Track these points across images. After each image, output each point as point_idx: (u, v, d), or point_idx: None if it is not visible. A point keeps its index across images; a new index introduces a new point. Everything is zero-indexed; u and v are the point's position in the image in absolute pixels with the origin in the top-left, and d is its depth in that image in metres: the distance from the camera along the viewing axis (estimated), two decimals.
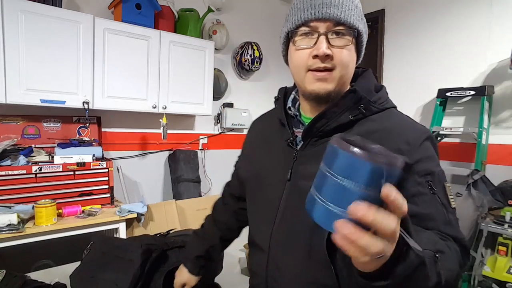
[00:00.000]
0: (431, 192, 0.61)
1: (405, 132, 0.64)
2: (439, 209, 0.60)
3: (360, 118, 0.65)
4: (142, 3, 2.30)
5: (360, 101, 0.65)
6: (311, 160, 0.68)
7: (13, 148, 1.91)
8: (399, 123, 0.66)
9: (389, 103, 0.70)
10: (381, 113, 0.67)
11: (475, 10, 2.40)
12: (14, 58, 1.85)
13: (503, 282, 1.82)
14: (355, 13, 0.62)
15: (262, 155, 0.80)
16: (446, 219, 0.60)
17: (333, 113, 0.65)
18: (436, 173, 0.62)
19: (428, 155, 0.63)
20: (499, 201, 2.01)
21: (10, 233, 1.59)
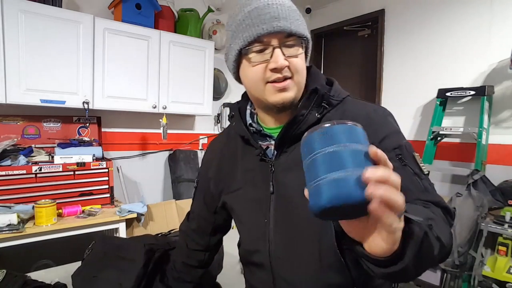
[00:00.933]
0: (402, 164, 0.63)
1: (367, 115, 0.67)
2: (413, 179, 0.62)
3: (324, 114, 0.68)
4: (142, 3, 2.30)
5: (323, 98, 0.68)
6: (289, 167, 0.68)
7: (13, 148, 1.91)
8: (359, 108, 0.69)
9: (343, 93, 0.72)
10: (340, 104, 0.70)
11: (475, 10, 2.40)
12: (14, 58, 1.85)
13: (503, 282, 1.82)
14: (301, 23, 0.65)
15: (236, 174, 0.78)
16: (422, 187, 0.62)
17: (301, 116, 0.66)
18: (403, 146, 0.65)
19: (393, 130, 0.67)
20: (499, 201, 2.01)
21: (10, 233, 1.59)
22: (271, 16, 0.61)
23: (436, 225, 0.52)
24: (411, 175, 0.62)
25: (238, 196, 0.78)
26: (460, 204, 1.95)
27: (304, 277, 0.69)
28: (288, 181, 0.68)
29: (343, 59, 3.54)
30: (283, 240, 0.70)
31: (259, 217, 0.72)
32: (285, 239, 0.70)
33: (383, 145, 0.62)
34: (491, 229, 1.87)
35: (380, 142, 0.64)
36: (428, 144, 2.50)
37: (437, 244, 0.49)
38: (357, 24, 3.28)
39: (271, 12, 0.61)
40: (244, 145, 0.76)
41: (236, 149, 0.79)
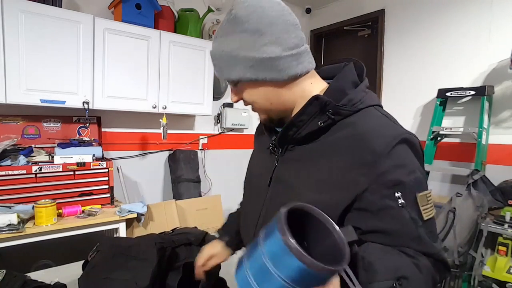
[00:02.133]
0: (399, 206, 0.58)
1: (372, 140, 0.59)
2: (408, 225, 0.58)
3: (330, 123, 0.64)
4: (142, 3, 2.30)
5: (326, 107, 0.63)
6: (288, 165, 0.71)
7: (13, 148, 1.91)
8: (371, 128, 0.62)
9: (364, 103, 0.65)
10: (358, 114, 0.64)
11: (475, 10, 2.40)
12: (14, 58, 1.85)
13: (503, 282, 1.82)
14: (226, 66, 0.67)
15: (255, 160, 0.87)
16: (415, 235, 0.58)
17: (300, 122, 0.66)
18: (406, 183, 0.58)
19: (397, 163, 0.58)
20: (499, 201, 2.01)
21: (10, 233, 1.59)
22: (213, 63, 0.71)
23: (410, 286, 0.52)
24: (406, 220, 0.58)
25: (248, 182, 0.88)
26: (460, 204, 1.95)
27: None
28: (282, 178, 0.72)
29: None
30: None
31: (256, 205, 0.77)
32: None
33: (382, 179, 0.58)
34: (491, 229, 1.87)
35: (380, 175, 0.58)
36: (428, 144, 2.50)
37: None
38: (357, 24, 3.28)
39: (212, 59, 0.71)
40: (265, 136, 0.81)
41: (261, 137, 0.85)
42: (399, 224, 0.58)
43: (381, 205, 0.58)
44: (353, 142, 0.61)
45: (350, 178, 0.59)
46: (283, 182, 0.71)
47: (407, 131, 0.62)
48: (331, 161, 0.63)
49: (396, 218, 0.58)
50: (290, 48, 0.63)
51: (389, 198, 0.58)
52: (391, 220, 0.58)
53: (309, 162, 0.67)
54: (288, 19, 0.65)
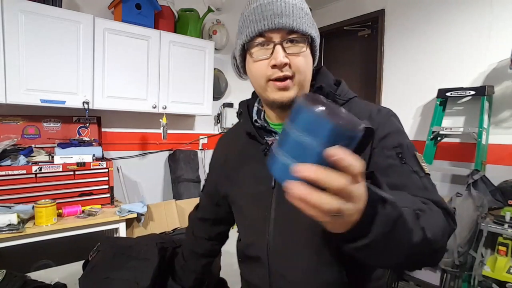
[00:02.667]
0: (402, 162, 0.63)
1: (370, 115, 0.67)
2: (412, 176, 0.62)
3: None
4: (142, 3, 2.30)
5: (328, 96, 0.69)
6: None
7: (13, 148, 1.91)
8: (363, 108, 0.70)
9: (350, 94, 0.73)
10: (346, 104, 0.71)
11: (475, 10, 2.40)
12: (14, 58, 1.85)
13: (503, 282, 1.82)
14: (306, 20, 0.64)
15: (240, 169, 0.79)
16: (420, 185, 0.62)
17: None
18: (404, 144, 0.65)
19: (394, 129, 0.66)
20: (499, 201, 2.00)
21: (10, 233, 1.59)
22: (273, 12, 0.62)
23: (427, 217, 0.51)
24: (411, 173, 0.62)
25: (241, 190, 0.79)
26: (460, 204, 1.95)
27: (300, 273, 0.69)
28: None
29: (343, 59, 3.54)
30: (282, 235, 0.70)
31: (260, 211, 0.73)
32: (284, 234, 0.70)
33: (383, 143, 0.64)
34: (491, 229, 1.87)
35: (381, 140, 0.64)
36: (428, 144, 2.50)
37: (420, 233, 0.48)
38: (357, 24, 3.28)
39: (274, 9, 0.62)
40: (250, 141, 0.76)
41: (242, 145, 0.79)
42: (404, 177, 0.62)
43: (385, 164, 0.63)
44: None
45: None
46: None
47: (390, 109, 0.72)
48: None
49: (401, 173, 0.62)
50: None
51: (392, 157, 0.63)
52: (397, 175, 0.62)
53: None
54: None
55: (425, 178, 0.63)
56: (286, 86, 0.65)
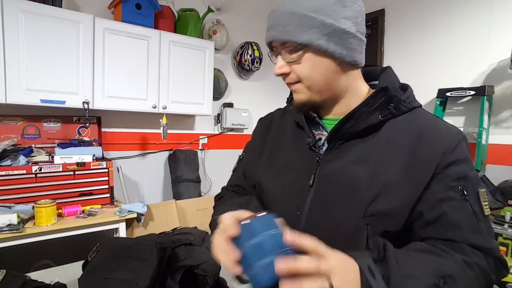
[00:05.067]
0: (462, 198, 0.58)
1: (437, 138, 0.61)
2: (469, 217, 0.58)
3: (389, 118, 0.63)
4: (142, 3, 2.30)
5: (391, 100, 0.63)
6: (337, 163, 0.65)
7: (13, 148, 1.91)
8: (430, 127, 0.63)
9: (416, 103, 0.67)
10: (408, 113, 0.65)
11: (475, 10, 2.40)
12: (14, 58, 1.85)
13: (503, 282, 1.82)
14: (297, 28, 0.59)
15: (280, 157, 0.75)
16: (475, 228, 0.58)
17: (362, 113, 0.63)
18: (469, 177, 0.60)
19: (462, 157, 0.60)
20: (499, 201, 2.00)
21: (10, 233, 1.59)
22: (268, 25, 0.63)
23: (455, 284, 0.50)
24: (468, 212, 0.58)
25: (275, 180, 0.73)
26: None
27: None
28: (333, 178, 0.65)
29: None
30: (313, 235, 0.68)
31: (292, 208, 0.68)
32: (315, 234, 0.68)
33: (448, 171, 0.59)
34: None
35: (446, 167, 0.59)
36: None
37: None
38: None
39: (269, 21, 0.63)
40: (296, 129, 0.73)
41: (288, 130, 0.76)
42: (461, 215, 0.58)
43: (444, 195, 0.59)
44: (414, 137, 0.62)
45: (415, 173, 0.59)
46: (334, 181, 0.64)
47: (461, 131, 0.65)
48: (392, 156, 0.61)
49: (458, 209, 0.58)
50: (361, 32, 0.63)
51: (453, 190, 0.59)
52: (454, 210, 0.58)
53: (366, 158, 0.63)
54: (363, 8, 0.64)
55: (483, 221, 0.59)
56: (295, 89, 0.66)
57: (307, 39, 0.59)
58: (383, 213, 0.59)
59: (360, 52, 0.64)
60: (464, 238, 0.57)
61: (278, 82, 3.48)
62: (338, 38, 0.60)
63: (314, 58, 0.61)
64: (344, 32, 0.60)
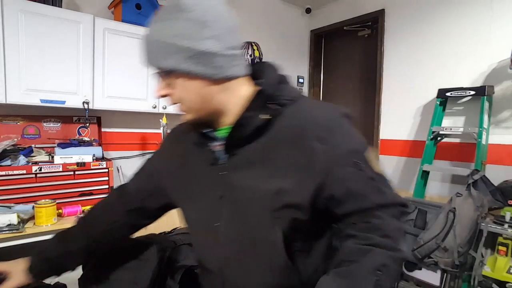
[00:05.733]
0: (358, 170, 0.64)
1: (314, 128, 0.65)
2: (368, 183, 0.65)
3: (275, 116, 0.66)
4: (142, 3, 2.30)
5: (270, 99, 0.66)
6: (240, 169, 0.68)
7: (13, 148, 1.91)
8: (309, 117, 0.66)
9: (296, 93, 0.70)
10: (293, 106, 0.68)
11: (475, 10, 2.40)
12: (14, 58, 1.85)
13: (503, 282, 1.82)
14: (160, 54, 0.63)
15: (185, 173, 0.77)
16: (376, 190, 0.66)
17: (247, 118, 0.66)
18: (357, 150, 0.66)
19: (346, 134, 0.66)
20: (499, 201, 2.00)
21: (10, 233, 1.59)
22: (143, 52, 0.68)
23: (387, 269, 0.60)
24: (367, 180, 0.65)
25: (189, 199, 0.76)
26: (460, 204, 1.95)
27: (254, 281, 0.70)
28: (240, 184, 0.68)
29: (343, 59, 3.54)
30: (234, 244, 0.70)
31: (209, 222, 0.71)
32: (236, 243, 0.70)
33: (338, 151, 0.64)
34: (491, 229, 1.87)
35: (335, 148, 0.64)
36: (428, 144, 2.50)
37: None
38: (357, 24, 3.28)
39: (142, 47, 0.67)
40: (195, 146, 0.75)
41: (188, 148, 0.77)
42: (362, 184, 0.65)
43: (344, 173, 0.64)
44: (296, 131, 0.65)
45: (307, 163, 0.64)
46: (241, 189, 0.68)
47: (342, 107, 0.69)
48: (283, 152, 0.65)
49: (358, 180, 0.65)
50: (230, 47, 0.64)
51: (348, 165, 0.64)
52: (356, 183, 0.64)
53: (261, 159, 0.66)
54: (232, 19, 0.66)
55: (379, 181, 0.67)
56: (180, 110, 0.69)
57: (171, 65, 0.62)
58: (287, 205, 0.64)
59: (232, 66, 0.65)
60: (372, 202, 0.64)
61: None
62: (202, 59, 0.61)
63: (184, 82, 0.64)
64: (206, 53, 0.61)
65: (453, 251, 1.87)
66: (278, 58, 3.46)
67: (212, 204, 0.71)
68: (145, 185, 0.87)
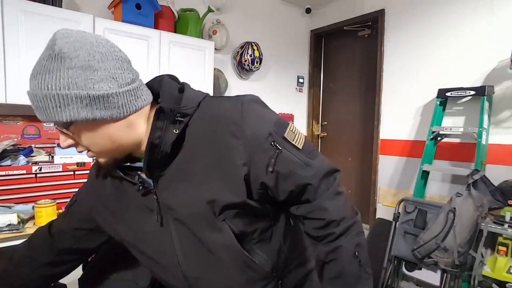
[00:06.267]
0: (278, 151, 0.65)
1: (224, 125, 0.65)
2: (294, 160, 0.66)
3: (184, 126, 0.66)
4: (142, 3, 2.30)
5: (174, 113, 0.64)
6: (170, 189, 0.68)
7: (13, 148, 1.91)
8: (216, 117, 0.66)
9: (198, 97, 0.70)
10: (198, 111, 0.67)
11: (475, 10, 2.40)
12: (14, 58, 1.85)
13: (503, 282, 1.82)
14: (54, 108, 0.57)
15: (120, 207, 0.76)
16: (303, 164, 0.66)
17: (158, 139, 0.64)
18: (271, 132, 0.65)
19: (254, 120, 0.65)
20: (499, 201, 2.00)
21: (10, 233, 1.59)
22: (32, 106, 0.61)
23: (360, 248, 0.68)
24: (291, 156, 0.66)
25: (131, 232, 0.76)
26: (460, 204, 1.95)
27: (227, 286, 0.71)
28: (175, 203, 0.68)
29: (343, 59, 3.54)
30: (195, 260, 0.70)
31: (163, 247, 0.71)
32: (196, 259, 0.70)
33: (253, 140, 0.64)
34: (491, 229, 1.87)
35: (250, 138, 0.64)
36: (428, 144, 2.50)
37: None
38: (357, 24, 3.28)
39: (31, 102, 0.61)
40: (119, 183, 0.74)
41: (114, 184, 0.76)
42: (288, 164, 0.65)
43: (266, 160, 0.64)
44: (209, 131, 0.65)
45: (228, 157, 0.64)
46: (178, 207, 0.68)
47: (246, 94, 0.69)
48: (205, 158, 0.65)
49: (283, 161, 0.65)
50: (127, 83, 0.62)
51: (269, 150, 0.65)
52: (281, 165, 0.65)
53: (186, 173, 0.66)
54: (119, 55, 0.64)
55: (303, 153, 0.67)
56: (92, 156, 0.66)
57: (69, 116, 0.58)
58: (225, 206, 0.65)
59: (132, 100, 0.63)
60: (303, 179, 0.65)
61: (278, 82, 3.48)
62: (100, 103, 0.59)
63: (88, 128, 0.61)
64: (102, 96, 0.58)
65: (453, 251, 1.87)
66: (278, 58, 3.47)
67: (158, 230, 0.71)
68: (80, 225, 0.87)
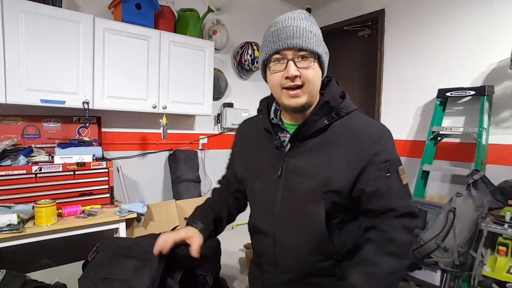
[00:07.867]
0: (387, 175, 0.82)
1: (366, 131, 0.84)
2: (393, 186, 0.83)
3: (333, 121, 0.86)
4: (142, 3, 2.31)
5: (332, 109, 0.85)
6: (298, 157, 0.87)
7: (13, 148, 1.91)
8: (360, 124, 0.86)
9: (351, 107, 0.89)
10: (346, 116, 0.87)
11: (475, 10, 2.40)
12: (14, 58, 1.85)
13: (503, 282, 1.82)
14: (314, 41, 0.80)
15: (254, 158, 0.97)
16: (398, 193, 0.83)
17: (313, 121, 0.85)
18: (391, 160, 0.84)
19: (385, 147, 0.84)
20: (499, 201, 2.00)
21: (10, 233, 1.59)
22: (286, 35, 0.78)
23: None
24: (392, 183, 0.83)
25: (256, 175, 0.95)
26: (460, 204, 1.95)
27: (296, 243, 0.87)
28: (296, 168, 0.86)
29: (343, 59, 3.54)
30: (286, 213, 0.88)
31: (270, 194, 0.90)
32: (287, 213, 0.87)
33: (377, 158, 0.82)
34: (491, 229, 1.87)
35: (376, 155, 0.82)
36: (428, 144, 2.50)
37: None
38: (357, 24, 3.28)
39: (287, 32, 0.78)
40: (266, 134, 0.93)
41: (259, 137, 0.96)
42: (388, 185, 0.83)
43: (376, 175, 0.82)
44: (350, 134, 0.84)
45: (353, 158, 0.82)
46: (297, 171, 0.86)
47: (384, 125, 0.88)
48: (336, 150, 0.84)
49: (386, 182, 0.83)
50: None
51: (381, 170, 0.82)
52: (383, 184, 0.82)
53: (317, 152, 0.85)
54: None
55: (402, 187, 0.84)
56: (297, 94, 0.81)
57: (320, 50, 0.81)
58: (333, 190, 0.82)
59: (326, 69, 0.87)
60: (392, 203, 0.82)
61: None
62: (326, 55, 0.86)
63: (317, 67, 0.82)
64: (327, 52, 0.86)
65: (453, 251, 1.87)
66: None
67: (273, 181, 0.89)
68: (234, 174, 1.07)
